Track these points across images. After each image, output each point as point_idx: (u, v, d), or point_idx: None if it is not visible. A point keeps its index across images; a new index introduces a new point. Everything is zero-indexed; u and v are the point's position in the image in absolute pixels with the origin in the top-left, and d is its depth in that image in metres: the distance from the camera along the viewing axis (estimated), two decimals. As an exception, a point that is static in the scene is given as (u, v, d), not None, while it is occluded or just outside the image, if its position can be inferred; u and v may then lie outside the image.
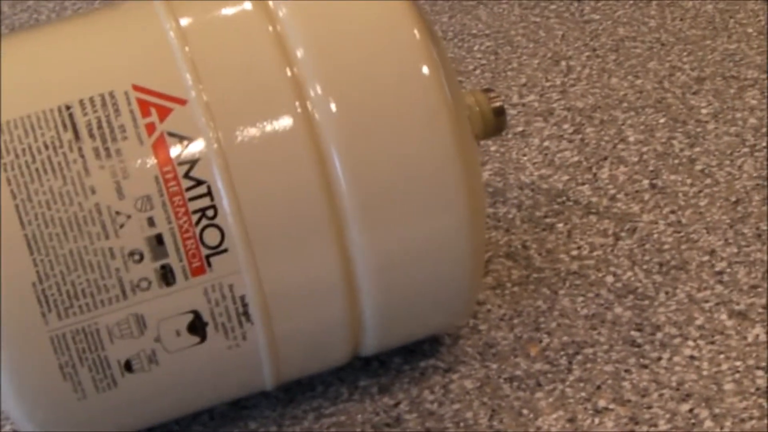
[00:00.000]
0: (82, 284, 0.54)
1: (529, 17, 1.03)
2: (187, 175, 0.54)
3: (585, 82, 0.93)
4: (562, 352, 0.68)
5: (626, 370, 0.66)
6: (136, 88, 0.55)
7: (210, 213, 0.55)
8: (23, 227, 0.53)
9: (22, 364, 0.55)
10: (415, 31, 0.58)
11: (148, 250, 0.54)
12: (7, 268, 0.53)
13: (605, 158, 0.84)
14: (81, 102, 0.55)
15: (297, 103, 0.56)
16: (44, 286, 0.53)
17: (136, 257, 0.54)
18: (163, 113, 0.55)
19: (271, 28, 0.57)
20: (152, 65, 0.56)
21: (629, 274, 0.73)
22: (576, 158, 0.84)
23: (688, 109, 0.88)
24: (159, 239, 0.54)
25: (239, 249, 0.55)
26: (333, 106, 0.56)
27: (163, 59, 0.56)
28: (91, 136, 0.54)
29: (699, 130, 0.86)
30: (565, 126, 0.88)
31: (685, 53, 0.95)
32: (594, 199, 0.80)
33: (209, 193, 0.54)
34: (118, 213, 0.54)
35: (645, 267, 0.74)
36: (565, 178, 0.82)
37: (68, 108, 0.55)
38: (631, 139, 0.85)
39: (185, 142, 0.55)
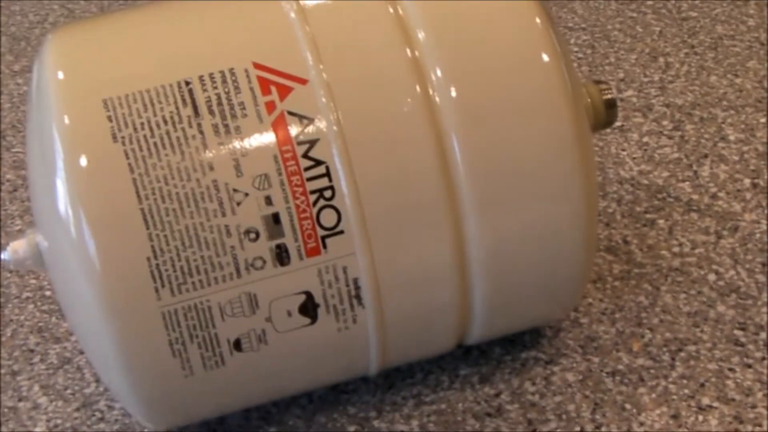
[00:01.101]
0: (197, 261, 0.54)
1: (625, 12, 1.02)
2: (305, 155, 0.54)
3: (684, 79, 0.92)
4: (664, 348, 0.67)
5: (730, 369, 0.65)
6: (256, 65, 0.55)
7: (327, 194, 0.54)
8: (140, 201, 0.53)
9: (131, 339, 0.55)
10: (537, 18, 0.57)
11: (264, 229, 0.54)
12: (123, 242, 0.53)
13: (705, 156, 0.83)
14: (201, 78, 0.55)
15: (417, 87, 0.55)
16: (159, 261, 0.53)
17: (252, 236, 0.54)
18: (284, 92, 0.55)
19: (391, 10, 0.57)
20: (273, 44, 0.56)
21: (732, 272, 0.72)
22: (676, 155, 0.83)
23: (790, 109, 0.87)
24: (276, 218, 0.54)
25: (355, 231, 0.55)
26: (453, 91, 0.55)
27: (284, 38, 0.56)
28: (211, 112, 0.54)
29: (801, 130, 0.84)
30: (665, 122, 0.87)
31: (786, 53, 0.93)
32: (695, 197, 0.78)
33: (327, 174, 0.54)
34: (235, 191, 0.54)
35: (747, 266, 0.72)
36: (666, 174, 0.81)
37: (188, 84, 0.55)
38: (732, 137, 0.84)
39: (305, 122, 0.54)
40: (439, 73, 0.56)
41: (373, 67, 0.55)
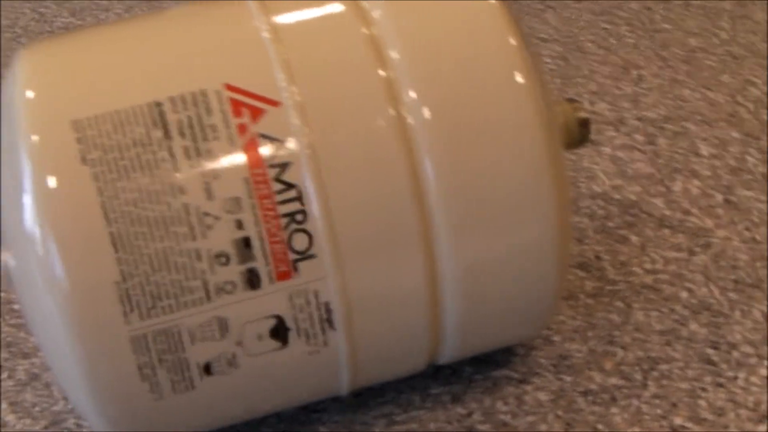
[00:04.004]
0: (166, 285, 0.53)
1: (599, 23, 1.02)
2: (277, 179, 0.54)
3: (657, 92, 0.91)
4: (637, 367, 0.67)
5: (702, 388, 0.65)
6: (228, 87, 0.54)
7: (299, 217, 0.54)
8: (109, 224, 0.52)
9: (99, 363, 0.54)
10: (510, 38, 0.57)
11: (235, 253, 0.53)
12: (91, 266, 0.53)
13: (678, 171, 0.82)
14: (172, 99, 0.54)
15: (390, 109, 0.55)
16: (127, 285, 0.53)
17: (223, 260, 0.53)
18: (256, 114, 0.54)
19: (365, 30, 0.56)
20: (245, 65, 0.55)
21: (704, 290, 0.72)
22: (648, 170, 0.83)
23: (762, 124, 0.87)
24: (246, 242, 0.53)
25: (327, 255, 0.54)
26: (426, 112, 0.55)
27: (257, 59, 0.55)
28: (182, 134, 0.54)
29: (773, 145, 0.84)
30: (637, 136, 0.86)
31: (758, 67, 0.93)
32: (667, 212, 0.78)
33: (299, 198, 0.54)
34: (206, 214, 0.53)
35: (720, 284, 0.73)
36: (638, 189, 0.81)
37: (159, 105, 0.54)
38: (704, 152, 0.84)
39: (277, 145, 0.54)
40: (412, 94, 0.55)
41: (346, 89, 0.55)
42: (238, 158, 0.54)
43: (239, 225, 0.53)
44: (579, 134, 0.65)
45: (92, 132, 0.53)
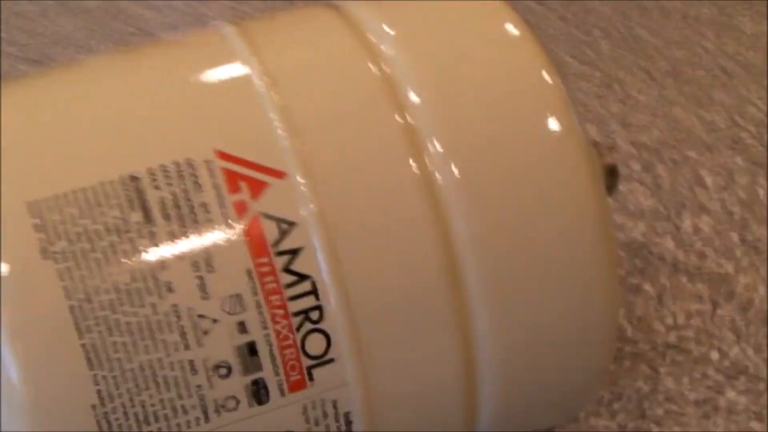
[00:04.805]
0: (155, 406, 0.43)
1: (575, 34, 0.93)
2: (287, 269, 0.43)
3: (646, 111, 0.83)
4: (676, 449, 0.58)
5: (755, 473, 0.57)
6: (220, 155, 0.44)
7: (314, 315, 0.44)
8: (81, 336, 0.42)
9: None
10: (545, 73, 0.48)
11: (238, 363, 0.43)
12: (61, 387, 0.42)
13: (684, 205, 0.74)
14: (151, 172, 0.43)
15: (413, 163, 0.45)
16: (107, 409, 0.42)
17: (223, 371, 0.43)
18: (257, 188, 0.44)
19: (375, 69, 0.46)
20: (240, 125, 0.45)
21: (735, 349, 0.64)
22: (651, 203, 0.74)
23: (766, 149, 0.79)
24: (251, 349, 0.43)
25: (347, 358, 0.45)
26: (454, 168, 0.45)
27: (253, 117, 0.45)
28: (165, 216, 0.43)
29: (782, 173, 0.76)
30: (633, 164, 0.78)
31: (753, 83, 0.85)
32: (680, 256, 0.70)
33: (314, 291, 0.44)
34: (201, 316, 0.43)
35: (752, 341, 0.64)
36: (643, 227, 0.72)
37: (135, 179, 0.43)
38: (709, 182, 0.76)
39: (284, 227, 0.43)
40: (438, 147, 0.45)
41: (365, 156, 0.45)
42: (238, 246, 0.43)
43: (242, 328, 0.43)
44: (607, 184, 0.56)
45: (54, 217, 0.43)
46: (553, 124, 0.47)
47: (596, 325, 0.49)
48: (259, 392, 0.44)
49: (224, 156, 0.44)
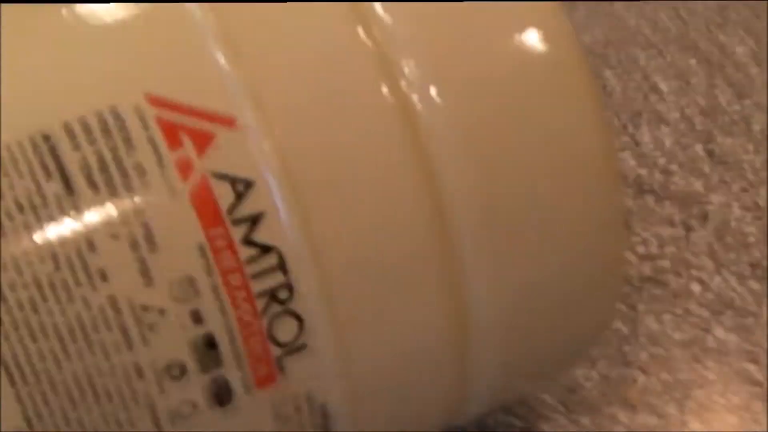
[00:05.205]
0: (95, 421, 0.34)
1: None
2: (247, 240, 0.35)
3: (586, 11, 0.75)
4: (666, 397, 0.52)
5: (755, 420, 0.51)
6: (152, 100, 0.35)
7: (282, 294, 0.36)
8: (-6, 339, 0.33)
9: None
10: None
11: (193, 360, 0.35)
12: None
13: (639, 114, 0.67)
14: (67, 127, 0.34)
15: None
16: None
17: (176, 372, 0.35)
18: (203, 141, 0.35)
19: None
20: (174, 60, 0.36)
21: (717, 279, 0.58)
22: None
23: (719, 48, 0.72)
24: (209, 342, 0.35)
25: (324, 342, 0.37)
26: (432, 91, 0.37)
27: (191, 49, 0.36)
28: (91, 185, 0.34)
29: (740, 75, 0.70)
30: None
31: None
32: (643, 172, 0.63)
33: (281, 265, 0.35)
34: (144, 308, 0.34)
35: (734, 268, 0.58)
36: (599, 143, 0.65)
37: (47, 138, 0.34)
38: (664, 87, 0.69)
39: (240, 187, 0.35)
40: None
41: (339, 98, 0.36)
42: (185, 215, 0.35)
43: (196, 318, 0.35)
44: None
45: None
46: (554, 45, 0.39)
47: (603, 277, 0.42)
48: (220, 392, 0.36)
49: (157, 101, 0.35)
